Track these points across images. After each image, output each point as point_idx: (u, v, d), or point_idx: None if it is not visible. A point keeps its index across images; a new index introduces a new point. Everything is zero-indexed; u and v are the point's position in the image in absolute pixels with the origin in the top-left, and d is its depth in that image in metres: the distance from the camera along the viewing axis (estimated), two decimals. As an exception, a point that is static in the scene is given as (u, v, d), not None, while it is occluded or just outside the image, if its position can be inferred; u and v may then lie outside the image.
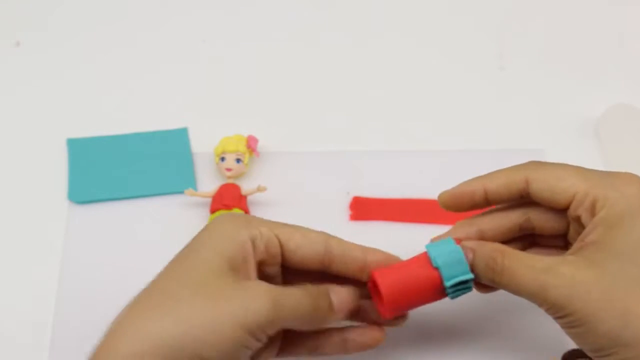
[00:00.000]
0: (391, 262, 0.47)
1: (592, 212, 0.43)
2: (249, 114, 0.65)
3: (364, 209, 0.60)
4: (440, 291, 0.46)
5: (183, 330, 0.40)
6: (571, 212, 0.44)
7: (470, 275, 0.45)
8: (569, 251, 0.44)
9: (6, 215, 0.60)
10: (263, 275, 0.46)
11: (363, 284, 0.47)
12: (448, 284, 0.45)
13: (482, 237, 0.47)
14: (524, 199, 0.47)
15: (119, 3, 0.71)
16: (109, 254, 0.58)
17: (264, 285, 0.43)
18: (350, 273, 0.47)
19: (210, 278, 0.42)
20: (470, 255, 0.45)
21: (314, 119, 0.65)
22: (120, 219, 0.60)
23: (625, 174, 0.45)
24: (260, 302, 0.41)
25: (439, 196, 0.49)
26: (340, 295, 0.45)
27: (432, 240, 0.48)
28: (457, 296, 0.46)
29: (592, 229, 0.43)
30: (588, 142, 0.63)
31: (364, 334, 0.48)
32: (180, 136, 0.64)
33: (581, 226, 0.44)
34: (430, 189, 0.60)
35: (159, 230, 0.59)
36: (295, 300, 0.43)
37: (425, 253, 0.46)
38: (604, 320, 0.41)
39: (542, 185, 0.44)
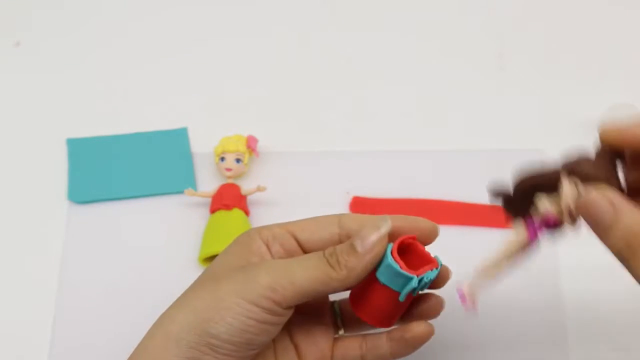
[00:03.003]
0: (408, 225, 0.45)
1: None
2: (249, 114, 0.65)
3: (364, 209, 0.60)
4: (408, 296, 0.44)
5: (192, 317, 0.42)
6: None
7: (414, 284, 0.43)
8: None
9: (6, 215, 0.60)
10: None
11: None
12: (401, 299, 0.44)
13: None
14: None
15: (119, 3, 0.71)
16: (109, 254, 0.58)
17: (268, 261, 0.44)
18: None
19: (221, 273, 0.44)
20: (608, 217, 0.39)
21: (314, 119, 0.65)
22: (120, 219, 0.60)
23: None
24: (258, 273, 0.42)
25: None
26: (364, 236, 0.43)
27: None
28: (423, 289, 0.45)
29: None
30: (588, 142, 0.63)
31: (410, 328, 0.45)
32: (180, 136, 0.64)
33: None
34: (430, 189, 0.61)
35: (159, 230, 0.59)
36: (302, 264, 0.43)
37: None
38: None
39: None
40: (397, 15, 0.71)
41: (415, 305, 0.46)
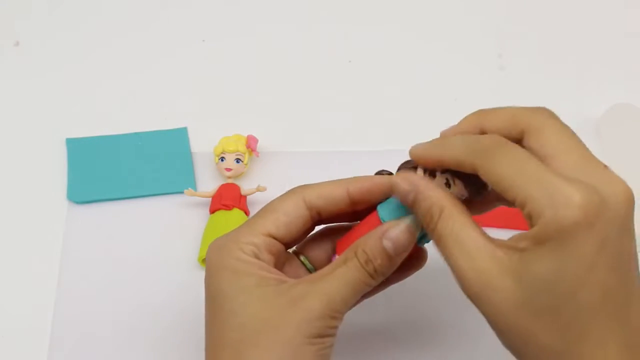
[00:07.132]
0: (374, 185, 0.46)
1: (528, 221, 0.39)
2: (249, 114, 0.65)
3: (364, 209, 0.60)
4: None
5: None
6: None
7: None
8: (510, 241, 0.40)
9: (6, 215, 0.60)
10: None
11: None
12: None
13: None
14: None
15: (119, 3, 0.71)
16: (109, 254, 0.58)
17: (310, 289, 0.43)
18: (341, 210, 0.46)
19: (273, 319, 0.42)
20: (411, 197, 0.43)
21: (314, 119, 0.65)
22: (120, 219, 0.60)
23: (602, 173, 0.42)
24: (313, 306, 0.42)
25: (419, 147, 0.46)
26: (393, 237, 0.43)
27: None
28: (423, 244, 0.46)
29: (523, 238, 0.39)
30: (588, 142, 0.62)
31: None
32: (179, 136, 0.63)
33: None
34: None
35: (158, 230, 0.59)
36: (346, 281, 0.43)
37: (376, 213, 0.45)
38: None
39: (488, 179, 0.41)
40: (398, 16, 0.71)
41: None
